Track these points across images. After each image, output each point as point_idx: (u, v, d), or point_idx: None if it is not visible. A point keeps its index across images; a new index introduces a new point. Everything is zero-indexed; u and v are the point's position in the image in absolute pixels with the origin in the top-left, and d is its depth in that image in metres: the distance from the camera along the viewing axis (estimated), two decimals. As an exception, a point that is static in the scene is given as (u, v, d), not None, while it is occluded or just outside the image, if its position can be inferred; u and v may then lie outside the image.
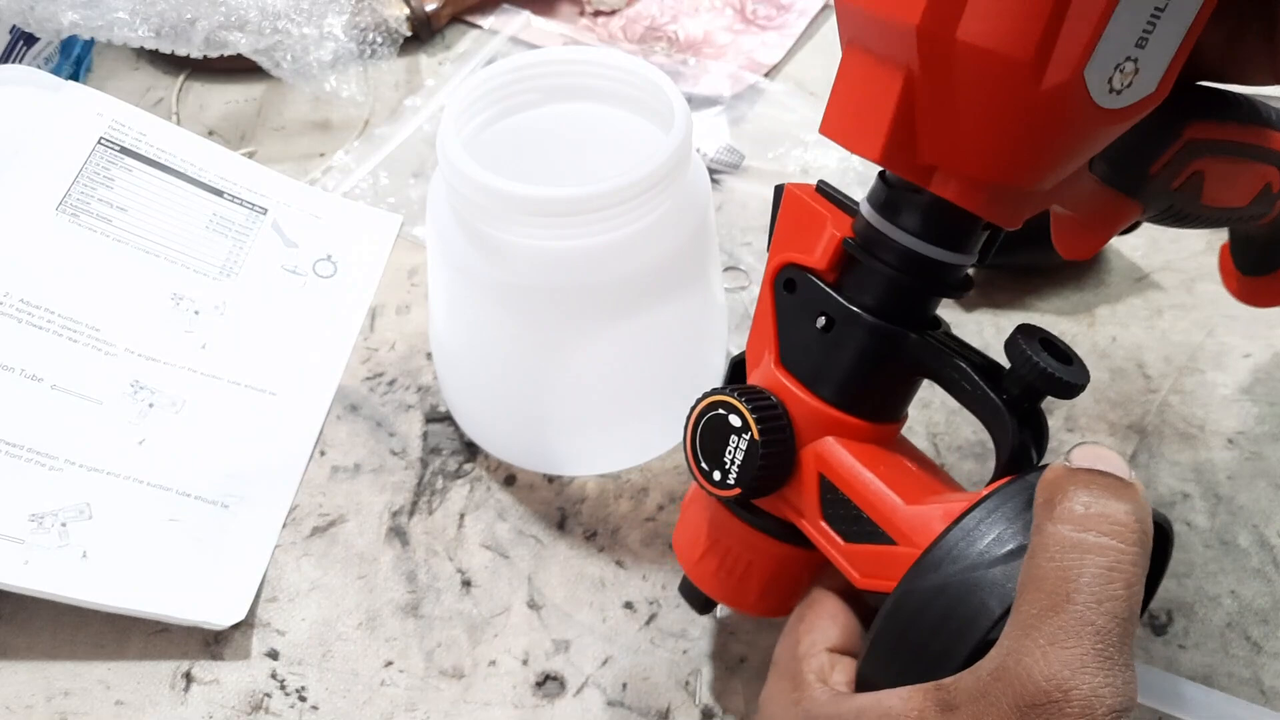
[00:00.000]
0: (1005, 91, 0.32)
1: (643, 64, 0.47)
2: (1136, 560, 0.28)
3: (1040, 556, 0.29)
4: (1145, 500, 0.30)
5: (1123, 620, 0.28)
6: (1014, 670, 0.28)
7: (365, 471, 0.51)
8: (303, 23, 0.65)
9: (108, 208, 0.54)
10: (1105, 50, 0.31)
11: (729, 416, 0.37)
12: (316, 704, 0.44)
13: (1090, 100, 0.32)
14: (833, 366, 0.37)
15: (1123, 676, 0.27)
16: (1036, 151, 0.34)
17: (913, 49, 0.34)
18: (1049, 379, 0.33)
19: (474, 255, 0.44)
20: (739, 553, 0.40)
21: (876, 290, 0.37)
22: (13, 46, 0.65)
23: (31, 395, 0.48)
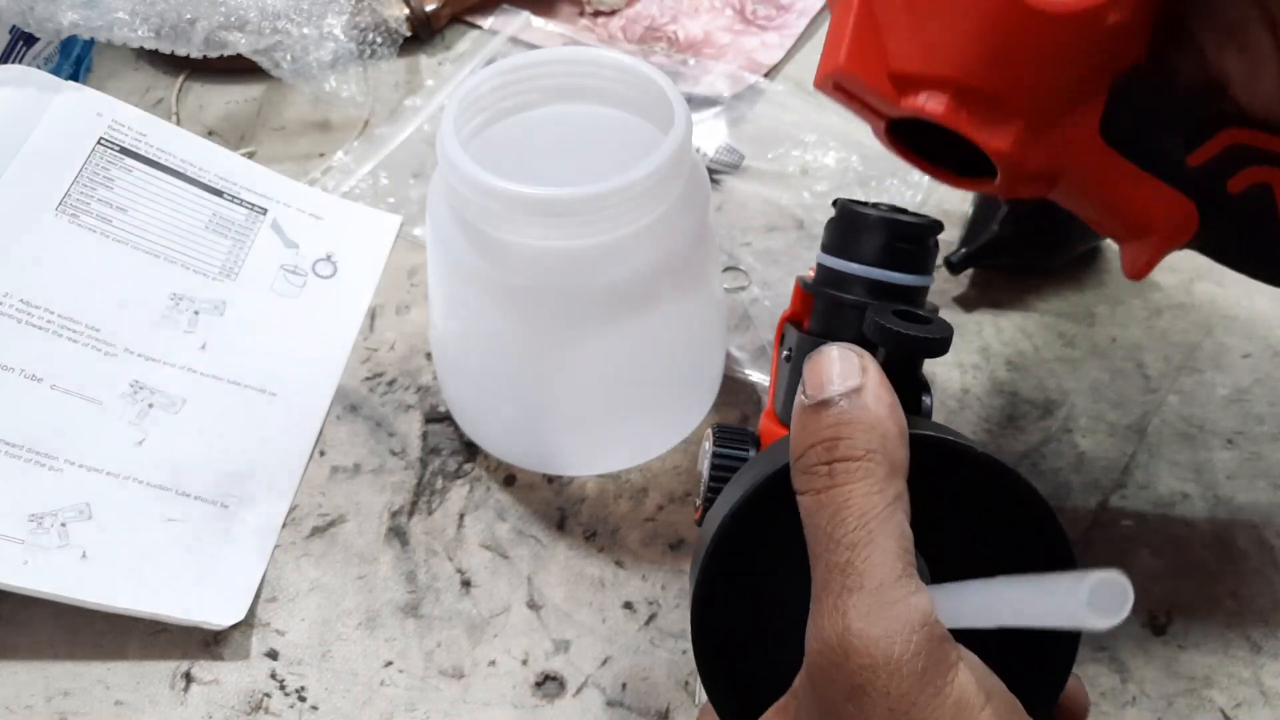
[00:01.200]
0: None
1: (643, 64, 0.47)
2: (867, 490, 0.28)
3: (805, 530, 0.29)
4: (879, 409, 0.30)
5: (860, 546, 0.27)
6: (812, 644, 0.28)
7: (365, 471, 0.51)
8: (303, 23, 0.65)
9: (108, 208, 0.54)
10: None
11: (705, 444, 0.39)
12: (316, 704, 0.44)
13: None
14: (789, 394, 0.38)
15: (878, 599, 0.27)
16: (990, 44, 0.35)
17: None
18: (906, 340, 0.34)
19: (474, 255, 0.44)
20: None
21: (833, 320, 0.38)
22: (12, 46, 0.65)
23: (31, 395, 0.48)
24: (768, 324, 0.57)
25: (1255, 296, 0.57)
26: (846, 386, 0.30)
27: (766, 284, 0.59)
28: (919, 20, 0.36)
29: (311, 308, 0.57)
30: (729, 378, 0.54)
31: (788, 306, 0.41)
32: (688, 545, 0.49)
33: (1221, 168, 0.38)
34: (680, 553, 0.48)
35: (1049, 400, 0.53)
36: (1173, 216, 0.39)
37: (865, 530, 0.28)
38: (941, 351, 0.34)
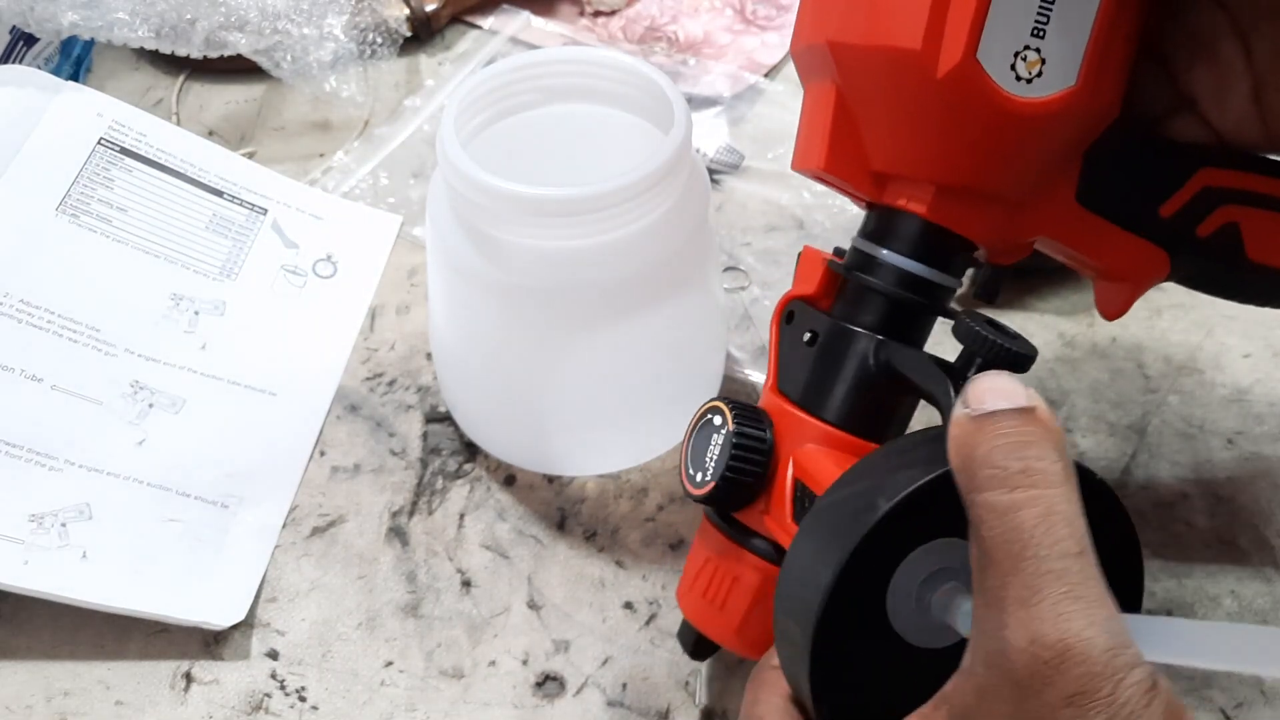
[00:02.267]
0: (910, 84, 0.35)
1: (643, 64, 0.47)
2: (1067, 495, 0.28)
3: (982, 529, 0.28)
4: (1052, 423, 0.29)
5: (1076, 556, 0.27)
6: (998, 649, 0.27)
7: (365, 472, 0.51)
8: (303, 23, 0.65)
9: (108, 208, 0.54)
10: (996, 37, 0.33)
11: (713, 418, 0.38)
12: (316, 704, 0.44)
13: (997, 87, 0.34)
14: (814, 377, 0.38)
15: (1101, 612, 0.27)
16: (967, 144, 0.36)
17: (831, 62, 0.37)
18: (1001, 351, 0.33)
19: (474, 255, 0.44)
20: (722, 575, 0.40)
21: (860, 306, 0.38)
22: (13, 47, 0.65)
23: (31, 395, 0.48)
24: (768, 324, 0.57)
25: (1255, 296, 0.57)
26: (1021, 403, 0.29)
27: (766, 284, 0.59)
28: (896, 124, 0.36)
29: (312, 308, 0.57)
30: (729, 378, 0.54)
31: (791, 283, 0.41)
32: (688, 545, 0.49)
33: (1193, 213, 0.38)
34: (680, 553, 0.48)
35: (1049, 400, 0.53)
36: (1145, 264, 0.40)
37: (1079, 539, 0.27)
38: (1026, 367, 0.34)
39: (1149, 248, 0.39)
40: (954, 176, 0.36)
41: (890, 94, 0.36)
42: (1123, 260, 0.40)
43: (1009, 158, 0.36)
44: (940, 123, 0.35)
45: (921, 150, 0.36)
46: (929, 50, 0.33)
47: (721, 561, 0.39)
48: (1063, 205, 0.38)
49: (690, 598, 0.41)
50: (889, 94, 0.36)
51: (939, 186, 0.37)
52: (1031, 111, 0.34)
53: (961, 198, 0.37)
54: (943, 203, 0.37)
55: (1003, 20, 0.33)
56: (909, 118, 0.36)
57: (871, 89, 0.36)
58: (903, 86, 0.35)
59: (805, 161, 0.39)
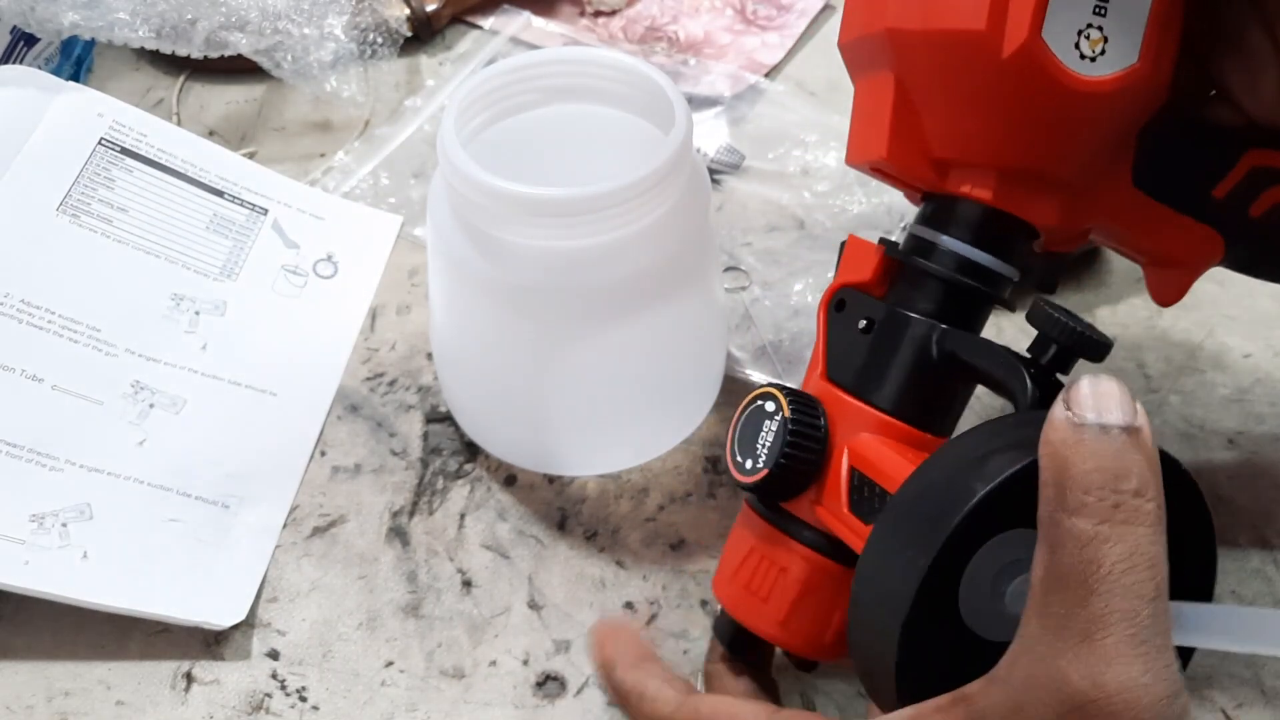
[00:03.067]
0: (975, 66, 0.34)
1: (643, 64, 0.47)
2: (1155, 537, 0.27)
3: (1059, 553, 0.27)
4: (1154, 453, 0.28)
5: (1150, 601, 0.27)
6: (1047, 674, 0.27)
7: (365, 472, 0.51)
8: (303, 23, 0.65)
9: (108, 208, 0.54)
10: (1060, 16, 0.33)
11: (765, 404, 0.38)
12: (317, 704, 0.44)
13: (1062, 66, 0.33)
14: (870, 366, 0.38)
15: (1162, 660, 0.26)
16: (1032, 126, 0.35)
17: (890, 50, 0.36)
18: (1079, 337, 0.33)
19: (474, 255, 0.44)
20: (768, 566, 0.39)
21: (918, 292, 0.38)
22: (13, 47, 0.65)
23: (32, 395, 0.48)
24: (768, 324, 0.57)
25: (1256, 296, 0.57)
26: (1127, 421, 0.28)
27: (767, 284, 0.59)
28: (959, 109, 0.36)
29: (312, 308, 0.57)
30: (730, 378, 0.54)
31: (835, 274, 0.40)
32: (688, 545, 0.49)
33: (1245, 194, 0.38)
34: (681, 553, 0.48)
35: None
36: (1200, 247, 0.40)
37: (1156, 582, 0.27)
38: (1103, 355, 0.34)
39: (1204, 230, 0.39)
40: (1018, 159, 0.36)
41: (953, 78, 0.35)
42: (1178, 244, 0.39)
43: (1073, 139, 0.36)
44: (1005, 105, 0.35)
45: (986, 134, 0.36)
46: (993, 31, 0.33)
47: (767, 552, 0.39)
48: (1121, 189, 0.38)
49: (731, 589, 0.40)
50: (952, 78, 0.35)
51: (1002, 171, 0.36)
52: (1096, 90, 0.34)
53: (1025, 182, 0.37)
54: (1006, 187, 0.37)
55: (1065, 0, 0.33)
56: (973, 101, 0.35)
57: (933, 74, 0.36)
58: (966, 69, 0.35)
59: (864, 154, 0.39)
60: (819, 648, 0.39)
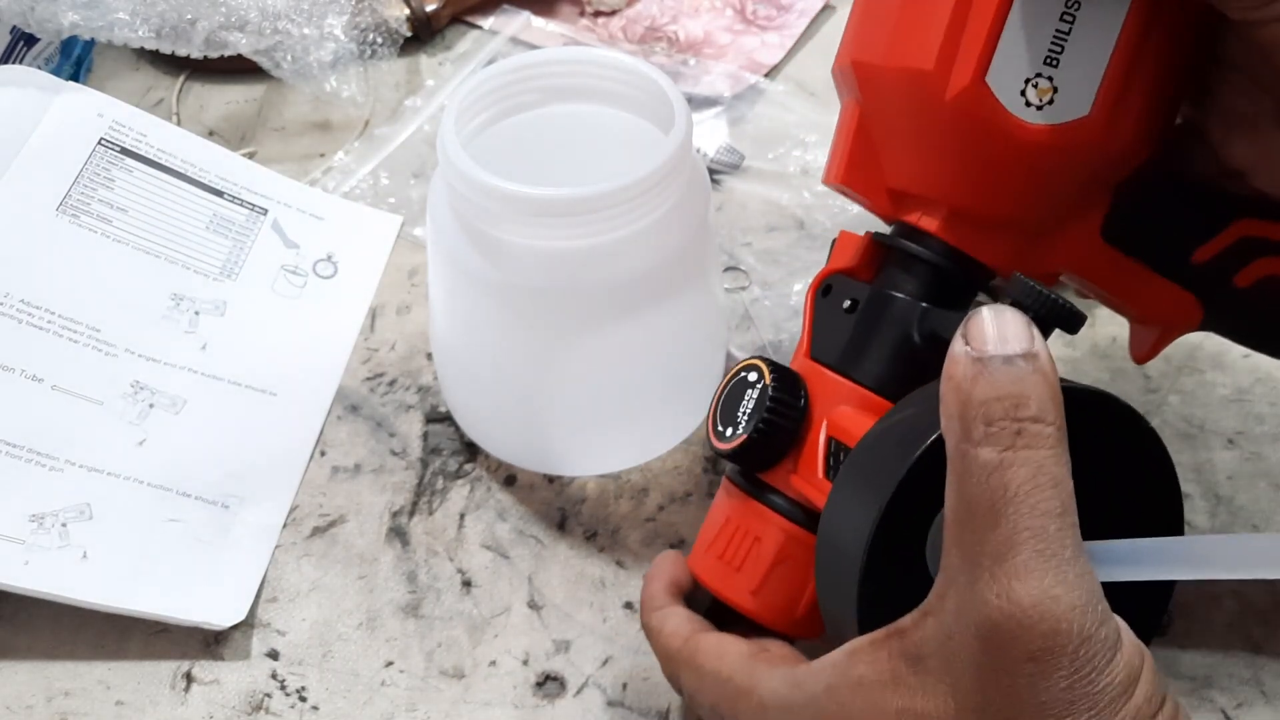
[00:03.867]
0: (923, 105, 0.35)
1: (643, 64, 0.47)
2: (1057, 458, 0.28)
3: (967, 483, 0.28)
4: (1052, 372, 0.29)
5: (1057, 516, 0.27)
6: (969, 600, 0.28)
7: (365, 472, 0.51)
8: (303, 23, 0.65)
9: (108, 208, 0.54)
10: (1007, 62, 0.34)
11: (748, 375, 0.38)
12: (317, 704, 0.44)
13: (1005, 112, 0.34)
14: (853, 344, 0.38)
15: (1073, 570, 0.27)
16: (976, 168, 0.36)
17: (855, 81, 0.38)
18: (1055, 307, 0.33)
19: (474, 255, 0.44)
20: (742, 535, 0.39)
21: (904, 274, 0.38)
22: (13, 47, 0.65)
23: (32, 395, 0.48)
24: (768, 324, 0.57)
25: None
26: (1024, 349, 0.29)
27: (766, 284, 0.59)
28: (910, 144, 0.37)
29: (312, 308, 0.57)
30: (729, 378, 0.54)
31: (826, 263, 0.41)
32: (688, 545, 0.49)
33: (1230, 262, 0.38)
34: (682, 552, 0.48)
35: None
36: (1174, 311, 0.39)
37: (1061, 500, 0.28)
38: (1078, 326, 0.34)
39: (1180, 293, 0.39)
40: (963, 200, 0.37)
41: (905, 113, 0.37)
42: (1150, 304, 0.39)
43: (1020, 184, 0.36)
44: (950, 144, 0.36)
45: (933, 171, 0.37)
46: (940, 71, 0.34)
47: (742, 521, 0.39)
48: (1086, 239, 0.38)
49: (706, 560, 0.40)
50: (904, 113, 0.37)
51: (951, 208, 0.37)
52: (1041, 138, 0.34)
53: (974, 221, 0.37)
54: (954, 224, 0.37)
55: (1015, 46, 0.34)
56: (921, 138, 0.37)
57: (888, 108, 0.37)
58: (916, 106, 0.36)
59: (829, 175, 0.40)
60: (790, 620, 0.39)
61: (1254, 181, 0.36)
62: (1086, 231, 0.38)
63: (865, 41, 0.37)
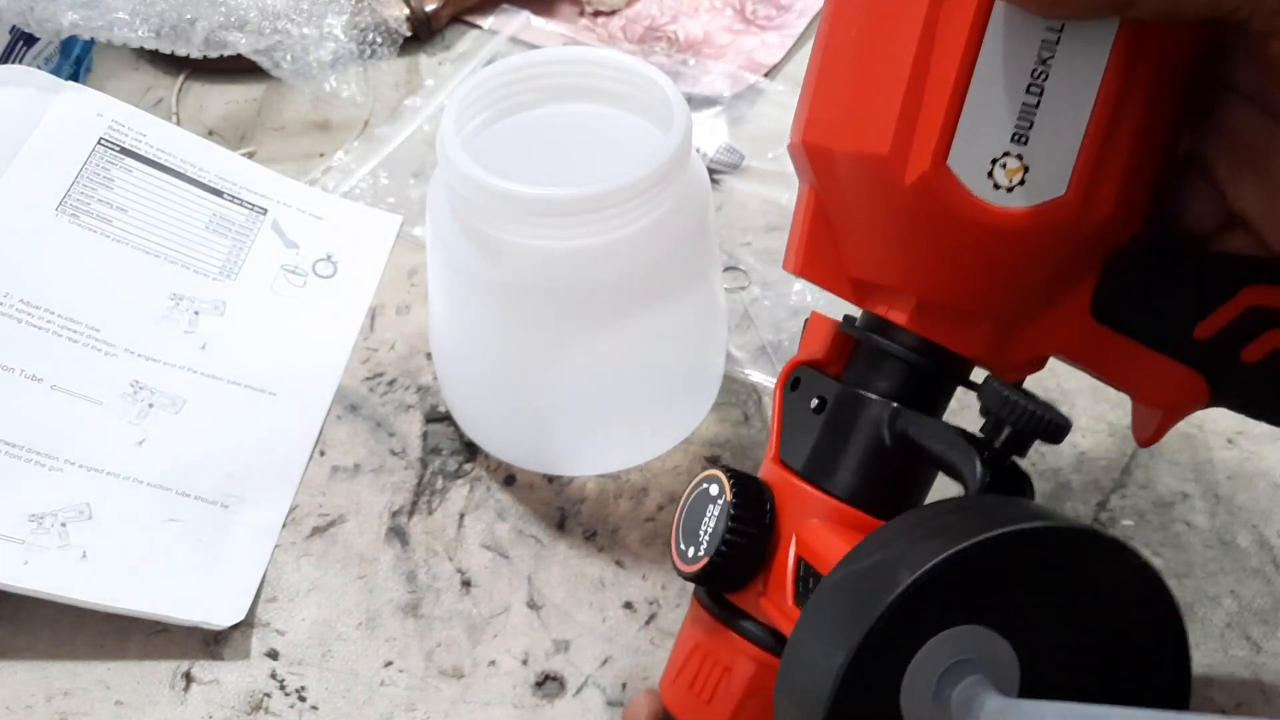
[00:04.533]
0: (881, 191, 0.32)
1: (643, 64, 0.47)
2: None
3: None
4: None
5: None
6: None
7: (365, 471, 0.51)
8: (303, 23, 0.65)
9: (108, 208, 0.54)
10: (970, 143, 0.31)
11: (709, 488, 0.36)
12: (316, 704, 0.44)
13: (970, 196, 0.31)
14: (821, 447, 0.36)
15: None
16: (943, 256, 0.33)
17: (808, 164, 0.34)
18: (1032, 419, 0.31)
19: (474, 255, 0.44)
20: (711, 664, 0.36)
21: (874, 371, 0.35)
22: (13, 46, 0.65)
23: (31, 395, 0.48)
24: (768, 324, 0.57)
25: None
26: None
27: (766, 284, 0.59)
28: (873, 233, 0.34)
29: (311, 308, 0.57)
30: (729, 378, 0.54)
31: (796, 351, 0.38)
32: (688, 545, 0.49)
33: (1237, 336, 0.34)
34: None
35: (1049, 400, 0.53)
36: (1179, 389, 0.35)
37: None
38: (1060, 438, 0.31)
39: (1183, 371, 0.35)
40: (932, 291, 0.34)
41: (862, 200, 0.33)
42: (1152, 384, 0.35)
43: (993, 272, 0.33)
44: (913, 233, 0.33)
45: (897, 261, 0.34)
46: (897, 155, 0.31)
47: (711, 648, 0.37)
48: (1074, 320, 0.35)
49: (675, 690, 0.38)
50: (861, 200, 0.33)
51: (919, 299, 0.34)
52: (1012, 223, 0.31)
53: (946, 312, 0.34)
54: (925, 316, 0.34)
55: (978, 125, 0.30)
56: (882, 226, 0.33)
57: (845, 194, 0.34)
58: (873, 193, 0.33)
59: (787, 262, 0.37)
60: None
61: (1262, 232, 0.32)
62: (1074, 312, 0.34)
63: (817, 121, 0.34)
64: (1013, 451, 0.32)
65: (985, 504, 0.29)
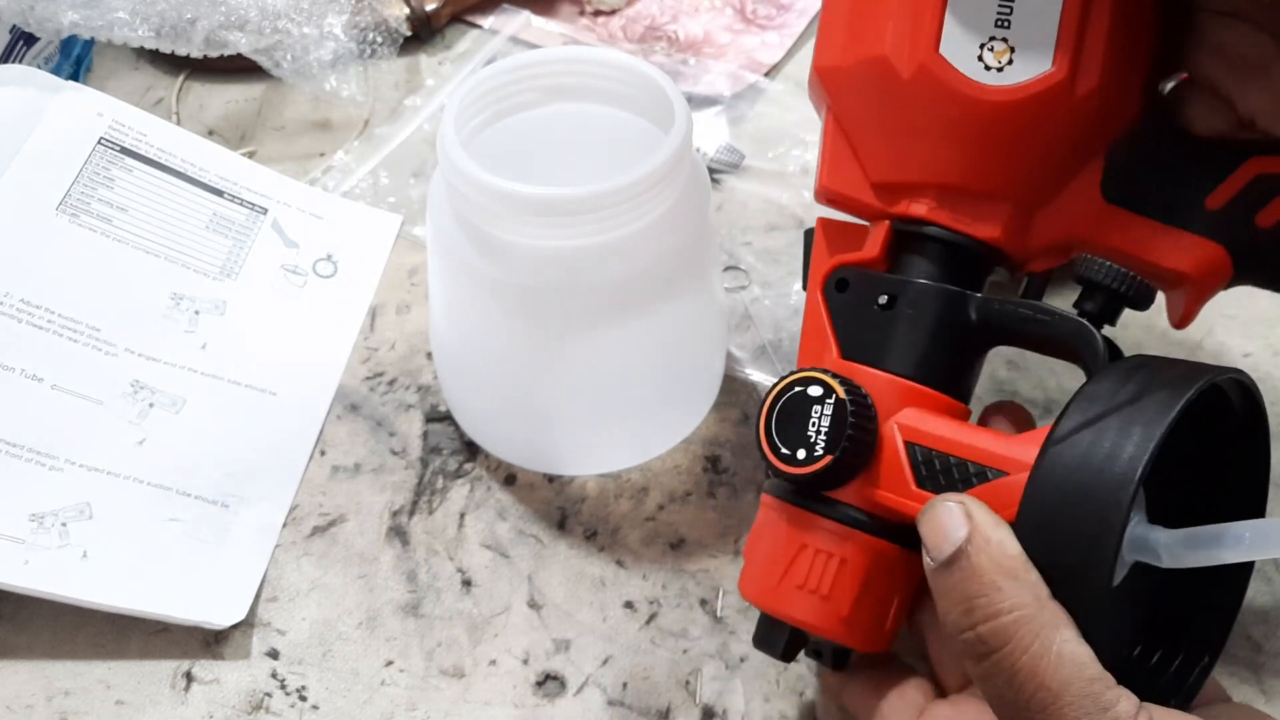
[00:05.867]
0: (886, 90, 0.36)
1: (643, 64, 0.47)
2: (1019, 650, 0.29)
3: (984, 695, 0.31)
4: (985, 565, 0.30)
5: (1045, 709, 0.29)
6: None
7: (365, 471, 0.51)
8: (303, 22, 0.65)
9: (108, 208, 0.54)
10: (959, 32, 0.35)
11: (807, 389, 0.36)
12: (317, 704, 0.44)
13: (965, 79, 0.35)
14: (899, 340, 0.37)
15: None
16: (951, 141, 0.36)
17: (823, 88, 0.39)
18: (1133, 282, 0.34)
19: (474, 255, 0.44)
20: (824, 559, 0.37)
21: (931, 263, 0.38)
22: (13, 46, 0.65)
23: (31, 395, 0.48)
24: (768, 323, 0.57)
25: (1256, 296, 0.57)
26: (961, 538, 0.31)
27: (766, 284, 0.59)
28: (883, 133, 0.38)
29: (312, 307, 0.57)
30: (729, 377, 0.54)
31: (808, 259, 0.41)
32: (688, 544, 0.49)
33: (1248, 203, 0.36)
34: (680, 552, 0.48)
35: (1049, 400, 0.53)
36: (1201, 263, 0.37)
37: (1042, 692, 0.29)
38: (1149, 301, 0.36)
39: (1201, 243, 0.37)
40: (947, 176, 0.37)
41: (872, 103, 0.37)
42: (1173, 260, 0.37)
43: (999, 150, 0.36)
44: (920, 122, 0.36)
45: (912, 154, 0.37)
46: (896, 53, 0.36)
47: (823, 545, 0.37)
48: (1087, 203, 0.37)
49: (780, 592, 0.38)
50: (871, 104, 0.38)
51: (939, 188, 0.37)
52: (1005, 99, 0.35)
53: (964, 198, 0.37)
54: (944, 205, 0.37)
55: (963, 14, 0.35)
56: (893, 124, 0.37)
57: (856, 103, 0.38)
58: (881, 94, 0.37)
59: (817, 190, 0.41)
60: (878, 637, 0.38)
61: (1272, 129, 0.35)
62: (1086, 195, 0.37)
63: (825, 48, 0.39)
64: (1106, 319, 0.36)
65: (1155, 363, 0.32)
